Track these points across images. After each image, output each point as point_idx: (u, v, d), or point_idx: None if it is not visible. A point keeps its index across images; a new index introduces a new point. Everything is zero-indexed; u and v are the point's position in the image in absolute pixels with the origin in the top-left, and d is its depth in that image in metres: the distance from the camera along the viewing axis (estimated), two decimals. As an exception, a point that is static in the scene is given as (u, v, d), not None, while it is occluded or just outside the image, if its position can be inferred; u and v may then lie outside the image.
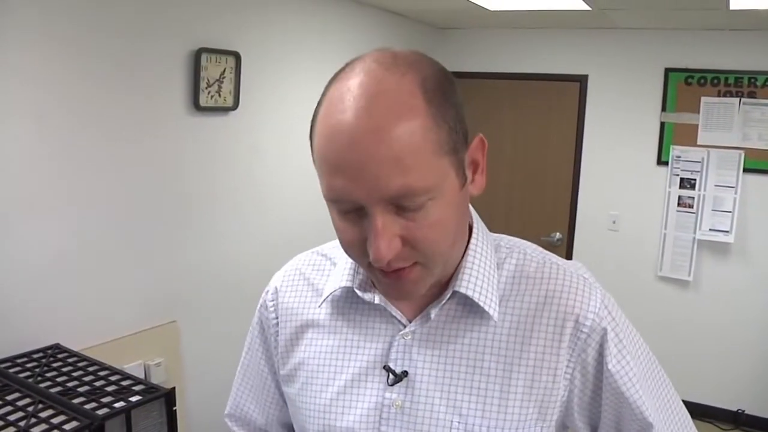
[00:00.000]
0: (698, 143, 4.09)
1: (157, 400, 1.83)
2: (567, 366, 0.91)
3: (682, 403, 1.02)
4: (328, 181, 0.78)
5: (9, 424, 1.66)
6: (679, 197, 4.14)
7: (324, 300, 0.99)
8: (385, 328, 0.95)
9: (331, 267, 1.02)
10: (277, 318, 1.05)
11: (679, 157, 4.13)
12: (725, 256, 4.08)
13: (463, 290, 0.89)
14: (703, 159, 4.07)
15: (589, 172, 4.43)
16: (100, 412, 1.73)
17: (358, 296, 0.95)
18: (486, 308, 0.89)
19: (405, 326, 0.93)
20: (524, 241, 0.99)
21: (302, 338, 1.02)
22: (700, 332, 4.15)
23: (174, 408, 1.86)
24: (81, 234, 2.33)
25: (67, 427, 1.65)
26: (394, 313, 0.93)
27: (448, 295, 0.90)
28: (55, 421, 1.68)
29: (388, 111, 0.74)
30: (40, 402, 1.77)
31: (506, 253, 0.95)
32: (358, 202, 0.77)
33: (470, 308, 0.91)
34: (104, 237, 2.41)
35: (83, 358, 2.08)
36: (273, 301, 1.06)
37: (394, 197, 0.75)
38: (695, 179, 4.09)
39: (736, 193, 3.98)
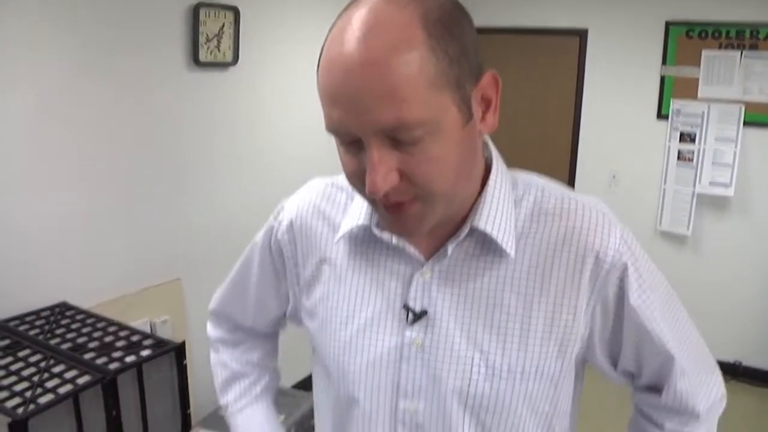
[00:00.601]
0: (699, 97, 4.07)
1: (167, 354, 1.85)
2: (588, 302, 0.91)
3: (699, 334, 1.03)
4: (328, 113, 0.78)
5: (23, 379, 1.68)
6: (679, 151, 4.14)
7: (340, 237, 0.98)
8: (403, 267, 0.94)
9: (348, 200, 1.00)
10: (294, 251, 1.05)
11: (680, 111, 4.11)
12: (725, 211, 4.10)
13: (481, 226, 0.88)
14: (703, 113, 4.05)
15: (589, 127, 4.41)
16: (112, 366, 1.75)
17: (375, 235, 0.94)
18: (503, 245, 0.88)
19: (423, 265, 0.93)
20: (541, 178, 0.98)
21: (320, 275, 1.01)
22: (699, 285, 4.19)
23: (184, 362, 1.88)
24: (83, 194, 2.32)
25: (80, 381, 1.67)
26: (411, 252, 0.92)
27: (466, 231, 0.89)
28: (68, 375, 1.70)
29: (384, 42, 0.73)
30: (52, 358, 1.79)
31: (524, 189, 0.94)
32: (355, 134, 0.76)
33: (488, 246, 0.91)
34: (106, 196, 2.41)
35: (91, 315, 2.10)
36: (288, 233, 1.05)
37: (388, 130, 0.74)
38: (695, 133, 4.08)
39: (736, 147, 3.98)
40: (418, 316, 0.92)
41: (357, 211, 0.96)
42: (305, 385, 3.57)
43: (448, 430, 0.93)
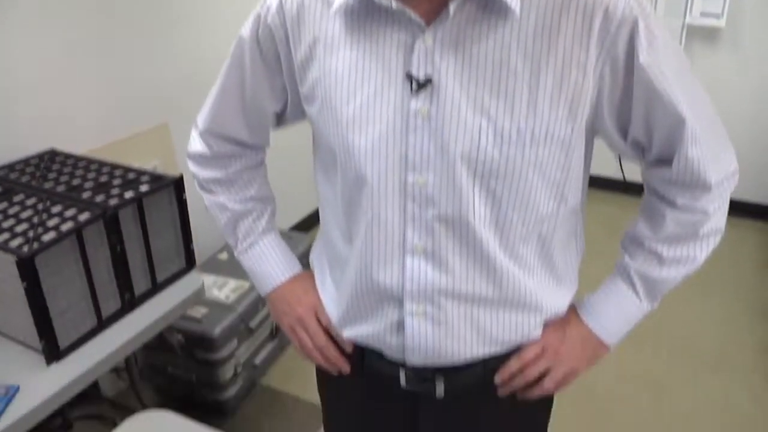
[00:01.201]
0: None
1: (167, 188, 1.83)
2: (597, 60, 0.87)
3: (715, 112, 1.01)
4: None
5: (22, 220, 1.66)
6: (671, -18, 4.00)
7: (336, 10, 0.93)
8: (404, 34, 0.90)
9: None
10: (285, 34, 1.00)
11: (673, -62, 3.93)
12: (716, 42, 4.02)
13: None
14: (697, -61, 3.87)
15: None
16: (111, 202, 1.73)
17: (373, 4, 0.89)
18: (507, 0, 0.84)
19: (424, 31, 0.88)
20: None
21: (315, 54, 0.97)
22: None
23: (184, 196, 1.86)
24: (65, 40, 2.22)
25: (81, 218, 1.65)
26: (412, 17, 0.87)
27: None
28: (68, 214, 1.68)
29: None
30: (48, 200, 1.76)
31: None
32: None
33: (491, 6, 0.86)
34: (87, 42, 2.31)
35: (82, 158, 2.05)
36: (279, 15, 1.00)
37: None
38: (688, -39, 3.92)
39: (730, -26, 3.84)
40: (422, 84, 0.88)
41: None
42: (302, 226, 3.62)
43: (458, 200, 0.92)
